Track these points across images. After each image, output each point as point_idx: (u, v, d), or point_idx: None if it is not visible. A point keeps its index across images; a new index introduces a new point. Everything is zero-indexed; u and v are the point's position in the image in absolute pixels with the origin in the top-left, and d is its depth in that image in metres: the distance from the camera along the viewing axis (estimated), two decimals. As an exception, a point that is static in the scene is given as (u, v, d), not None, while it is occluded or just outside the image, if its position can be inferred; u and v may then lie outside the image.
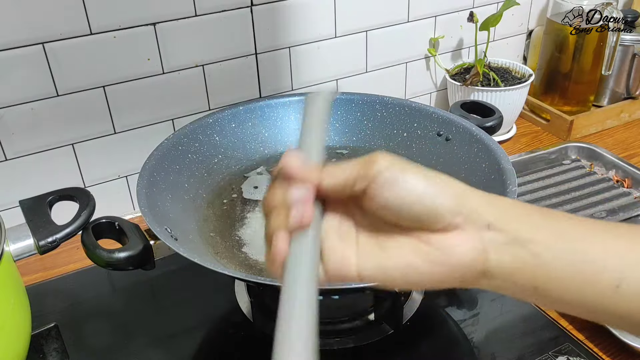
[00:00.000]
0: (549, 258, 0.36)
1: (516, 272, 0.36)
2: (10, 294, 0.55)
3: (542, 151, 1.00)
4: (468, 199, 0.36)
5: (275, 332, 0.35)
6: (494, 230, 0.36)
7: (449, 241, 0.36)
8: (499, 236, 0.36)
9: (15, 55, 0.72)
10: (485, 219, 0.36)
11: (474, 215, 0.36)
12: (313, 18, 0.90)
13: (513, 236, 0.36)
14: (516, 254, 0.36)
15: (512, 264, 0.36)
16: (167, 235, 0.58)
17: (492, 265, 0.36)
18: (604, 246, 0.36)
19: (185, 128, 0.76)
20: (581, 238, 0.37)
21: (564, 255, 0.36)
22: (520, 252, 0.36)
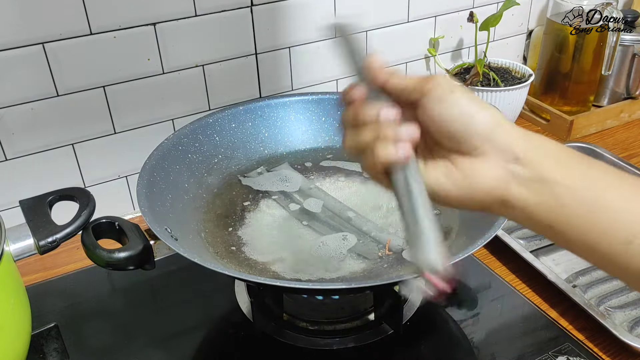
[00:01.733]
0: (569, 201, 0.37)
1: (535, 207, 0.38)
2: (10, 294, 0.55)
3: (542, 151, 1.00)
4: (502, 129, 0.39)
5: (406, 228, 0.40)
6: (520, 164, 0.38)
7: (474, 166, 0.39)
8: (524, 170, 0.38)
9: (15, 55, 0.72)
10: (514, 153, 0.38)
11: (504, 147, 0.38)
12: (313, 18, 0.90)
13: (538, 173, 0.38)
14: (537, 191, 0.38)
15: (532, 199, 0.38)
16: (167, 235, 0.58)
17: (512, 196, 0.39)
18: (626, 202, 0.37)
19: (185, 128, 0.76)
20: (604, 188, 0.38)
21: (584, 202, 0.37)
22: (542, 190, 0.38)
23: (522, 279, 0.74)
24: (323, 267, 0.65)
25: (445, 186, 0.40)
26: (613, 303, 0.69)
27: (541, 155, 0.38)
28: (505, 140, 0.38)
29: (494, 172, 0.39)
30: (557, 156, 0.39)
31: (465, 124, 0.39)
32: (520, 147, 0.38)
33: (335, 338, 0.66)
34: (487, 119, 0.39)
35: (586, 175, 0.38)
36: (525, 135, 0.39)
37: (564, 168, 0.38)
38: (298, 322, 0.68)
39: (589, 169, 0.39)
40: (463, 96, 0.39)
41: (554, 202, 0.38)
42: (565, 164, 0.38)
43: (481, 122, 0.39)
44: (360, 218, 0.71)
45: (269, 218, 0.72)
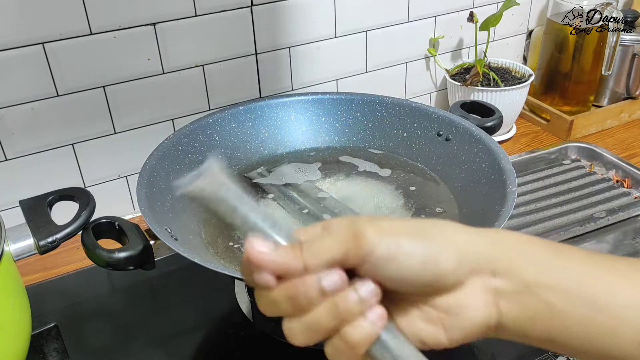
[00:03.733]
0: (562, 306, 0.33)
1: (530, 322, 0.34)
2: (10, 294, 0.55)
3: (542, 151, 1.00)
4: (468, 249, 0.34)
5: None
6: (500, 277, 0.34)
7: (458, 303, 0.34)
8: (506, 283, 0.34)
9: (15, 55, 0.72)
10: (490, 265, 0.34)
11: (477, 265, 0.34)
12: (313, 18, 0.90)
13: (520, 281, 0.34)
14: (527, 303, 0.34)
15: (525, 314, 0.34)
16: (167, 235, 0.58)
17: (505, 319, 0.34)
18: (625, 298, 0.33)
19: (185, 128, 0.76)
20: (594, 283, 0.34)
21: (578, 304, 0.33)
22: (532, 300, 0.34)
23: (522, 279, 0.74)
24: (323, 267, 0.65)
25: (433, 334, 0.34)
26: (613, 303, 0.69)
27: (515, 258, 0.34)
28: (476, 258, 0.34)
29: (479, 299, 0.34)
30: (531, 255, 0.35)
31: (430, 274, 0.33)
32: (493, 258, 0.34)
33: (335, 338, 0.66)
34: (450, 248, 0.33)
35: (569, 270, 0.34)
36: (491, 240, 0.35)
37: (544, 268, 0.34)
38: (298, 322, 0.68)
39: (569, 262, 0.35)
40: (411, 239, 0.33)
41: (548, 310, 0.33)
42: (542, 262, 0.34)
43: (447, 258, 0.33)
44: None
45: (269, 218, 0.72)
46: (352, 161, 0.81)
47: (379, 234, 0.32)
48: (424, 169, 0.78)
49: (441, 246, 0.33)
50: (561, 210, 0.85)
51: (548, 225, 0.82)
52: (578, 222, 0.83)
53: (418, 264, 0.32)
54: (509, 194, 0.63)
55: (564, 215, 0.84)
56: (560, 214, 0.84)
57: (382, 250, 0.32)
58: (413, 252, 0.32)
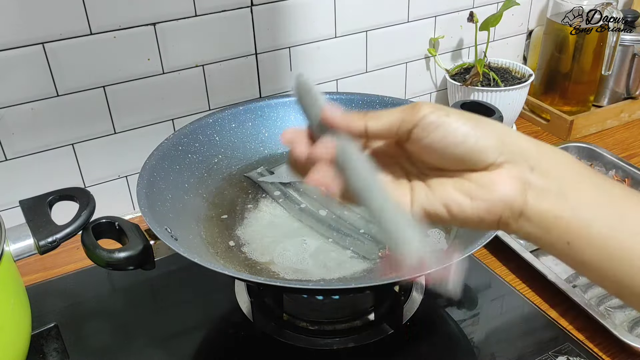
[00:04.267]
0: (590, 217, 0.35)
1: (552, 221, 0.36)
2: (10, 294, 0.55)
3: (542, 151, 1.00)
4: (513, 140, 0.37)
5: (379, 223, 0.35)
6: (536, 173, 0.36)
7: (491, 178, 0.36)
8: (540, 180, 0.36)
9: (15, 55, 0.72)
10: (529, 161, 0.36)
11: (517, 155, 0.36)
12: (313, 18, 0.90)
13: (555, 183, 0.36)
14: (555, 203, 0.35)
15: (549, 211, 0.36)
16: (167, 235, 0.58)
17: (529, 208, 0.36)
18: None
19: (185, 128, 0.76)
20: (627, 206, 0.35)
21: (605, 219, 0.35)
22: (559, 201, 0.35)
23: (522, 279, 0.74)
24: (323, 267, 0.65)
25: (458, 200, 0.37)
26: (613, 303, 0.69)
27: (556, 164, 0.36)
28: (517, 149, 0.36)
29: (510, 182, 0.36)
30: (571, 166, 0.37)
31: (471, 145, 0.36)
32: (534, 156, 0.36)
33: (335, 338, 0.66)
34: (493, 133, 0.36)
35: (605, 189, 0.36)
36: (535, 143, 0.37)
37: (580, 179, 0.36)
38: (298, 322, 0.68)
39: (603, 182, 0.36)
40: (459, 117, 0.36)
41: (572, 215, 0.35)
42: (580, 174, 0.36)
43: (489, 138, 0.36)
44: (360, 218, 0.71)
45: (269, 218, 0.72)
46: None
47: (434, 108, 0.36)
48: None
49: (486, 130, 0.37)
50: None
51: (548, 225, 0.82)
52: (578, 222, 0.83)
53: (460, 137, 0.36)
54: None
55: (564, 215, 0.84)
56: (560, 214, 0.84)
57: (432, 118, 0.36)
58: (460, 126, 0.36)
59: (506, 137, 0.37)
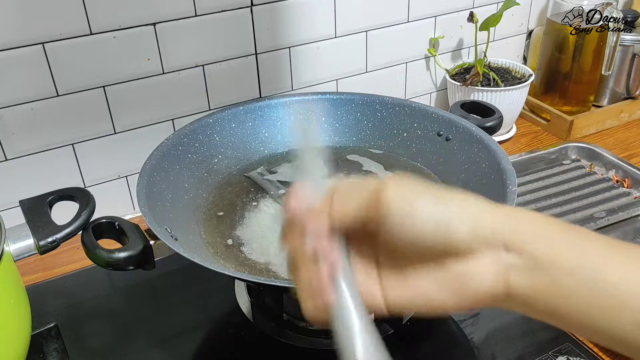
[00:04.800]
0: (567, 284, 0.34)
1: (534, 296, 0.35)
2: (10, 294, 0.55)
3: (542, 151, 1.00)
4: (483, 219, 0.35)
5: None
6: (512, 251, 0.35)
7: (469, 269, 0.35)
8: (517, 259, 0.35)
9: (15, 55, 0.72)
10: (503, 240, 0.35)
11: (491, 238, 0.35)
12: (313, 18, 0.90)
13: (532, 258, 0.34)
14: (535, 278, 0.34)
15: (531, 288, 0.35)
16: (167, 235, 0.58)
17: (512, 289, 0.35)
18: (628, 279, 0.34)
19: (185, 128, 0.76)
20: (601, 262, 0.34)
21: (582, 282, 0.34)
22: (539, 276, 0.34)
23: (522, 279, 0.74)
24: (323, 267, 0.65)
25: (439, 296, 0.36)
26: (613, 303, 0.69)
27: (530, 236, 0.35)
28: (490, 231, 0.35)
29: (489, 269, 0.35)
30: (546, 233, 0.35)
31: (443, 237, 0.34)
32: (507, 233, 0.35)
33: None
34: (465, 217, 0.35)
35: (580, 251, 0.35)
36: (508, 216, 0.35)
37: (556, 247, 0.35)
38: (298, 322, 0.68)
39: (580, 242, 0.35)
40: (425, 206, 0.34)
41: (552, 287, 0.34)
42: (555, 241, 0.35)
43: (460, 224, 0.34)
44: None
45: (269, 218, 0.72)
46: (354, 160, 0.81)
47: (397, 197, 0.34)
48: (424, 169, 0.78)
49: (456, 213, 0.35)
50: (561, 210, 0.85)
51: (548, 225, 0.82)
52: (578, 222, 0.83)
53: (431, 227, 0.34)
54: (509, 194, 0.63)
55: (564, 215, 0.84)
56: (560, 214, 0.84)
57: (397, 215, 0.34)
58: (427, 215, 0.34)
59: (477, 218, 0.35)
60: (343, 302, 0.36)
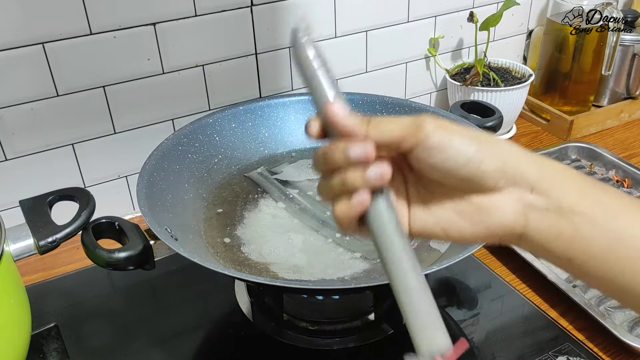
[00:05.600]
0: (588, 233, 0.35)
1: (554, 240, 0.36)
2: (10, 294, 0.55)
3: (542, 151, 1.00)
4: (513, 160, 0.36)
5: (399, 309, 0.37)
6: (536, 193, 0.36)
7: (491, 203, 0.36)
8: (541, 200, 0.36)
9: (15, 55, 0.72)
10: (529, 182, 0.36)
11: (518, 177, 0.36)
12: (313, 18, 0.90)
13: (555, 202, 0.36)
14: (556, 223, 0.36)
15: (551, 231, 0.36)
16: (167, 235, 0.58)
17: (530, 229, 0.36)
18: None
19: (185, 128, 0.76)
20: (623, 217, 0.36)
21: (603, 233, 0.35)
22: (560, 220, 0.36)
23: (522, 279, 0.74)
24: (323, 267, 0.65)
25: (458, 224, 0.37)
26: (613, 303, 0.69)
27: (556, 182, 0.36)
28: (518, 171, 0.36)
29: (511, 205, 0.36)
30: (572, 182, 0.37)
31: (474, 169, 0.35)
32: (534, 176, 0.36)
33: (335, 338, 0.66)
34: (496, 156, 0.36)
35: (603, 202, 0.36)
36: (537, 161, 0.37)
37: (581, 195, 0.36)
38: (298, 322, 0.68)
39: (604, 195, 0.37)
40: (464, 139, 0.36)
41: (573, 233, 0.35)
42: (580, 190, 0.36)
43: (491, 161, 0.36)
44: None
45: (269, 218, 0.72)
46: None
47: (438, 128, 0.35)
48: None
49: (488, 152, 0.36)
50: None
51: (548, 225, 0.82)
52: (578, 222, 0.83)
53: (462, 160, 0.35)
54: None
55: (564, 215, 0.84)
56: (560, 214, 0.84)
57: (435, 140, 0.35)
58: (461, 150, 0.35)
59: (508, 159, 0.36)
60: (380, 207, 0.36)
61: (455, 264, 0.55)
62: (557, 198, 0.36)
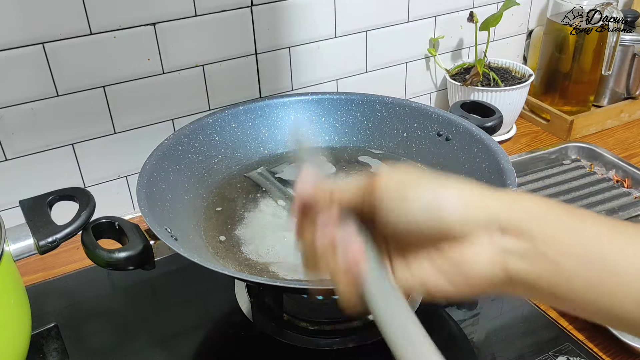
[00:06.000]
0: (568, 266, 0.34)
1: (536, 280, 0.34)
2: (10, 294, 0.55)
3: (542, 151, 1.00)
4: (476, 203, 0.35)
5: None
6: (508, 235, 0.34)
7: (464, 254, 0.35)
8: (514, 242, 0.34)
9: (15, 55, 0.72)
10: (498, 222, 0.34)
11: (484, 219, 0.34)
12: (313, 18, 0.90)
13: (529, 241, 0.34)
14: (534, 262, 0.34)
15: (532, 272, 0.34)
16: (167, 235, 0.58)
17: (512, 275, 0.35)
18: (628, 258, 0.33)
19: (185, 128, 0.76)
20: (601, 243, 0.34)
21: (583, 264, 0.33)
22: (539, 259, 0.34)
23: (522, 279, 0.74)
24: (323, 267, 0.65)
25: (440, 285, 0.36)
26: (613, 303, 0.69)
27: (527, 218, 0.34)
28: (483, 212, 0.34)
29: (484, 253, 0.34)
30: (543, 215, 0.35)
31: (436, 221, 0.34)
32: (502, 215, 0.34)
33: (335, 338, 0.66)
34: (456, 201, 0.35)
35: (578, 230, 0.34)
36: (503, 199, 0.35)
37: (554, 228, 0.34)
38: (298, 322, 0.68)
39: (578, 222, 0.35)
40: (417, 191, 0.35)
41: (553, 270, 0.34)
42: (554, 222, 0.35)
43: (453, 210, 0.34)
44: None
45: (269, 218, 0.72)
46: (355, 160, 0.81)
47: (389, 183, 0.35)
48: (424, 168, 0.78)
49: (448, 197, 0.35)
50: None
51: (548, 225, 0.82)
52: (578, 222, 0.83)
53: (423, 212, 0.34)
54: (509, 194, 0.63)
55: (564, 215, 0.84)
56: (560, 214, 0.84)
57: (389, 200, 0.35)
58: (419, 200, 0.35)
59: (470, 201, 0.35)
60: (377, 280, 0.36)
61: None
62: (530, 237, 0.34)
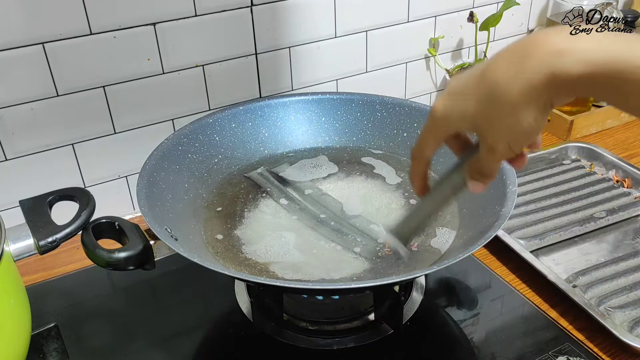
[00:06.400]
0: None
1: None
2: (10, 294, 0.55)
3: (542, 151, 1.00)
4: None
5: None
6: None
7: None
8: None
9: (15, 55, 0.72)
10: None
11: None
12: (313, 18, 0.90)
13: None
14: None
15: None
16: (167, 235, 0.58)
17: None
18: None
19: (185, 128, 0.76)
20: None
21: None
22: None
23: (522, 279, 0.74)
24: (323, 267, 0.65)
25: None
26: (613, 303, 0.69)
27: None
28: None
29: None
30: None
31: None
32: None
33: (335, 338, 0.66)
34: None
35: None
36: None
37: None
38: (298, 322, 0.68)
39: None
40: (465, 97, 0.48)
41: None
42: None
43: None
44: (360, 218, 0.71)
45: (269, 218, 0.72)
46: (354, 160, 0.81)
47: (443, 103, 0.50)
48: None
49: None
50: (561, 210, 0.85)
51: (548, 225, 0.82)
52: (578, 222, 0.83)
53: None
54: (509, 194, 0.63)
55: (564, 215, 0.84)
56: (560, 214, 0.84)
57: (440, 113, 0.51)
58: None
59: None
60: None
61: (455, 264, 0.55)
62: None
